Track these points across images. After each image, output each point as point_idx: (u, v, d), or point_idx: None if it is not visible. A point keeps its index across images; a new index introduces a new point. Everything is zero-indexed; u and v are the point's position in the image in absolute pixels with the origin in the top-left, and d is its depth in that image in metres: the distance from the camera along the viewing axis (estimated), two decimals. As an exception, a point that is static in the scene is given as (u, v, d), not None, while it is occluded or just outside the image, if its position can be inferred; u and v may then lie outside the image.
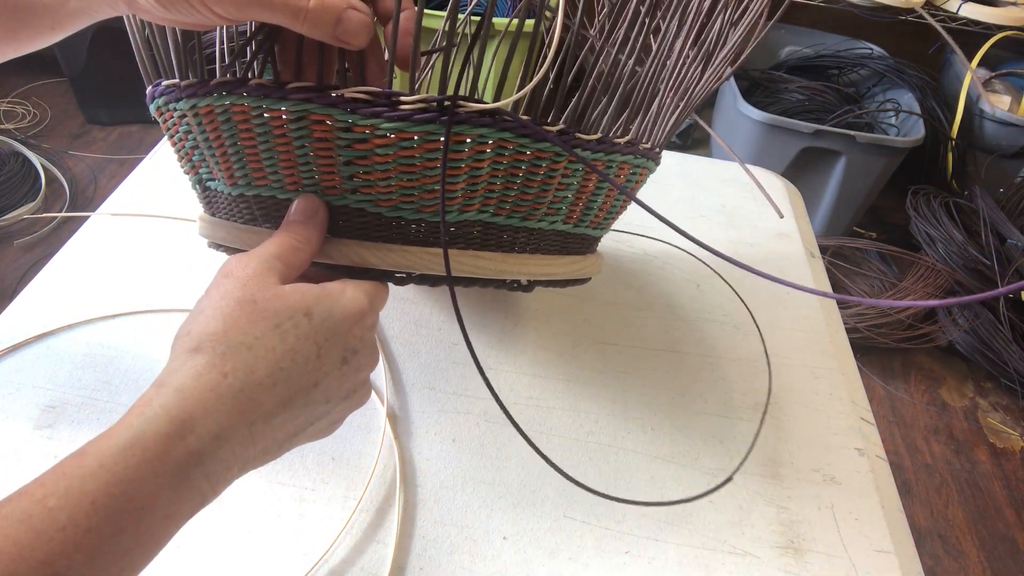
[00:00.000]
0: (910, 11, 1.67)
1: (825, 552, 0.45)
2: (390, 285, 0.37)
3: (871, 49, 1.93)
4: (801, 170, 1.70)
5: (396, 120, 0.31)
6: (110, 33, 1.79)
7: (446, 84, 0.33)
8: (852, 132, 1.62)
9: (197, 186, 0.42)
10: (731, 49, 0.42)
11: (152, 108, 0.39)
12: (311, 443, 0.47)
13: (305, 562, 0.41)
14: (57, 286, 0.57)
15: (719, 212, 0.76)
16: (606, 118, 0.37)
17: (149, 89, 0.38)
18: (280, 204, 0.36)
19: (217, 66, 0.39)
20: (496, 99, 0.32)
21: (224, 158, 0.37)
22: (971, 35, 1.74)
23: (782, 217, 0.74)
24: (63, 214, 1.72)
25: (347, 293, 0.33)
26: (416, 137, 0.32)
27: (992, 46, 1.76)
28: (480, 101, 0.32)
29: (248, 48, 0.36)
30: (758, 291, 0.65)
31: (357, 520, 0.43)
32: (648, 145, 0.41)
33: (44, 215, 1.69)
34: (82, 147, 1.93)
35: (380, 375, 0.52)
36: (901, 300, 1.58)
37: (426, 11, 0.43)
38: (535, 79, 0.32)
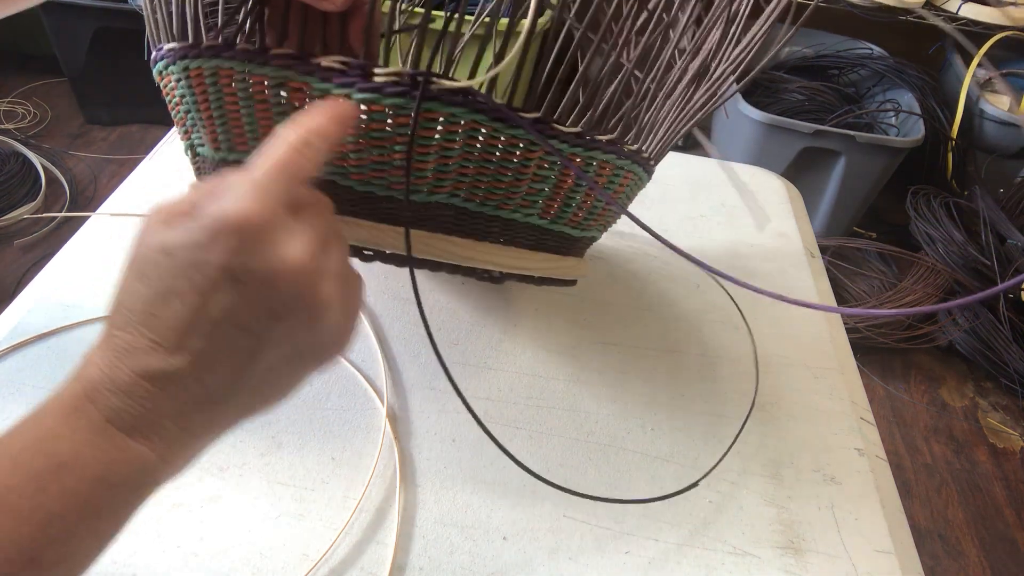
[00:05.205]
0: (910, 11, 1.67)
1: (825, 552, 0.45)
2: (392, 287, 0.37)
3: (871, 49, 1.93)
4: (801, 170, 1.69)
5: (368, 91, 0.32)
6: (110, 33, 1.79)
7: (419, 60, 0.33)
8: (852, 132, 1.62)
9: (189, 151, 0.42)
10: (731, 64, 0.41)
11: (155, 73, 0.40)
12: (311, 444, 0.47)
13: (305, 562, 0.41)
14: (57, 286, 0.57)
15: (719, 212, 0.76)
16: (585, 115, 0.37)
17: (153, 54, 0.39)
18: None
19: (202, 30, 0.39)
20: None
21: (209, 121, 0.37)
22: (971, 35, 1.74)
23: (770, 222, 0.74)
24: (63, 214, 1.72)
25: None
26: (387, 110, 0.32)
27: (992, 46, 1.76)
28: (453, 79, 0.32)
29: (238, 14, 0.36)
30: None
31: (357, 520, 0.43)
32: (635, 148, 0.40)
33: (44, 215, 1.69)
34: (82, 147, 1.93)
35: (380, 375, 0.52)
36: (901, 301, 1.58)
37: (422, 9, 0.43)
38: (505, 59, 0.32)
